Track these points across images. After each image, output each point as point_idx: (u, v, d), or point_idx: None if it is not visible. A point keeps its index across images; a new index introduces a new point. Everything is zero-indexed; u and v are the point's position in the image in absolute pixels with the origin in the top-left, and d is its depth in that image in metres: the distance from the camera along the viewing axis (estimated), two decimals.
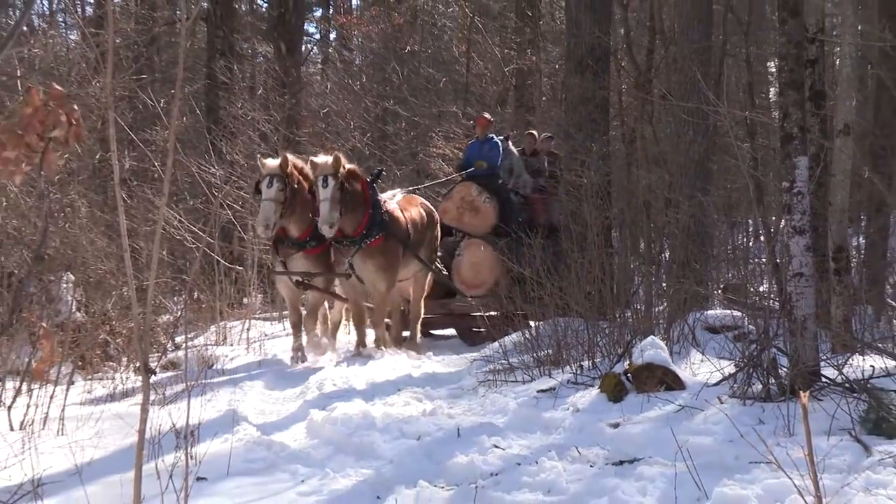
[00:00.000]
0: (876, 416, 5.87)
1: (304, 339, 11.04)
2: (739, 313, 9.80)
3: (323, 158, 10.52)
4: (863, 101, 13.08)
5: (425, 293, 12.45)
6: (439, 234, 12.81)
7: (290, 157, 10.68)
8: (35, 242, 9.28)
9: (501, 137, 13.74)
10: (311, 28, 27.54)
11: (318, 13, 28.05)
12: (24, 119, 3.17)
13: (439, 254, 13.23)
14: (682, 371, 7.66)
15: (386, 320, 11.64)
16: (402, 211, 11.50)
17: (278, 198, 10.11)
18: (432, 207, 12.78)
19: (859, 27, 10.96)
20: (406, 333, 11.99)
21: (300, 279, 10.97)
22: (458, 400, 8.10)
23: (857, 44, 10.46)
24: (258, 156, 10.97)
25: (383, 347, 10.96)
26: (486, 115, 14.21)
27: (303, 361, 10.57)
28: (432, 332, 13.86)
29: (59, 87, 3.33)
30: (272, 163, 10.43)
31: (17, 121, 3.18)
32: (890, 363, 7.52)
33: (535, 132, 15.30)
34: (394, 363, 10.14)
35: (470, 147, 13.95)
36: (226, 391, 8.39)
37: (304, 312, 11.42)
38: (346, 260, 10.67)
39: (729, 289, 11.97)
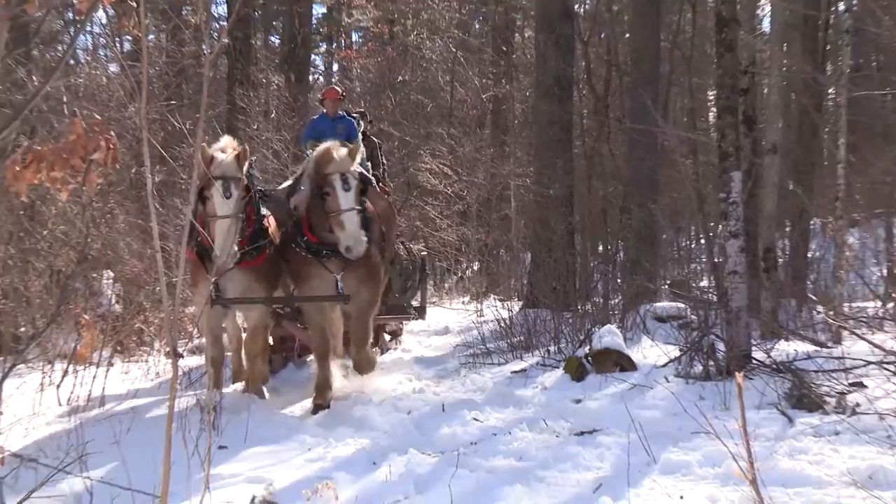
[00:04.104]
0: (799, 393, 5.91)
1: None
2: (683, 305, 9.85)
3: (342, 149, 6.74)
4: (788, 124, 13.13)
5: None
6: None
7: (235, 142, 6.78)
8: (80, 245, 9.24)
9: (355, 114, 9.62)
10: (317, 60, 27.43)
11: (323, 48, 27.99)
12: (69, 144, 3.18)
13: None
14: (635, 355, 7.68)
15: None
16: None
17: (239, 210, 6.21)
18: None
19: (784, 61, 11.02)
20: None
21: (280, 310, 7.70)
22: (443, 380, 8.09)
23: (783, 76, 10.52)
24: (203, 146, 6.26)
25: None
26: (336, 87, 9.61)
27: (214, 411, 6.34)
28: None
29: (99, 116, 3.33)
30: (227, 158, 6.31)
31: (63, 145, 3.18)
32: (810, 347, 7.58)
33: (364, 111, 11.24)
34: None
35: (317, 123, 9.18)
36: None
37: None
38: (335, 275, 6.88)
39: (674, 284, 12.01)
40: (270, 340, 8.35)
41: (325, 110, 9.28)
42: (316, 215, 6.78)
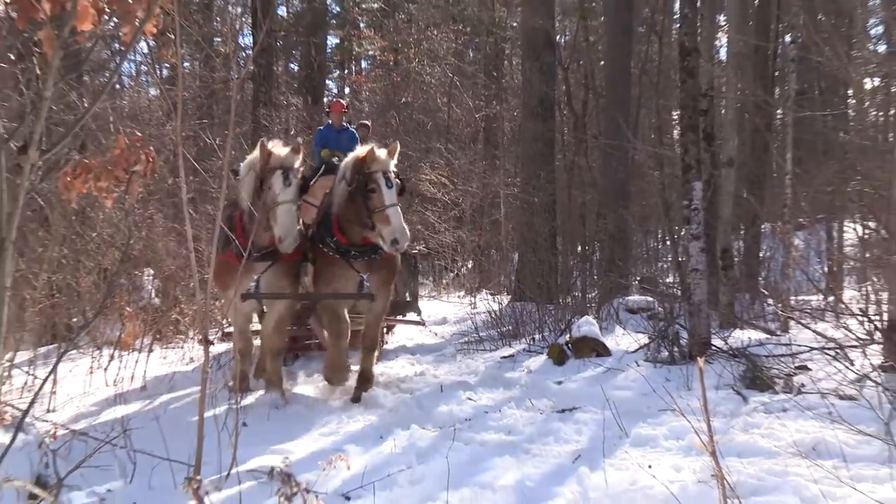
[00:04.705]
0: (752, 375, 5.93)
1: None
2: (651, 299, 9.86)
3: (383, 150, 6.13)
4: (742, 141, 13.14)
5: None
6: None
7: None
8: (123, 246, 9.23)
9: (355, 126, 9.39)
10: (331, 84, 27.40)
11: (336, 73, 28.01)
12: (113, 158, 3.19)
13: None
14: (609, 342, 7.69)
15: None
16: None
17: (297, 197, 5.93)
18: None
19: (739, 86, 11.03)
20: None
21: (307, 304, 7.03)
22: (442, 364, 8.09)
23: (738, 98, 10.52)
24: (261, 142, 6.06)
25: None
26: (342, 101, 9.29)
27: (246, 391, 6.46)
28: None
29: (140, 134, 3.34)
30: (284, 151, 5.96)
31: (107, 159, 3.19)
32: (762, 335, 7.60)
33: (368, 122, 10.14)
34: (393, 338, 10.05)
35: (324, 133, 8.94)
36: None
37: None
38: (361, 275, 6.30)
39: (644, 280, 12.01)
40: None
41: (330, 121, 9.03)
42: (354, 214, 6.06)
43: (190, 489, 2.98)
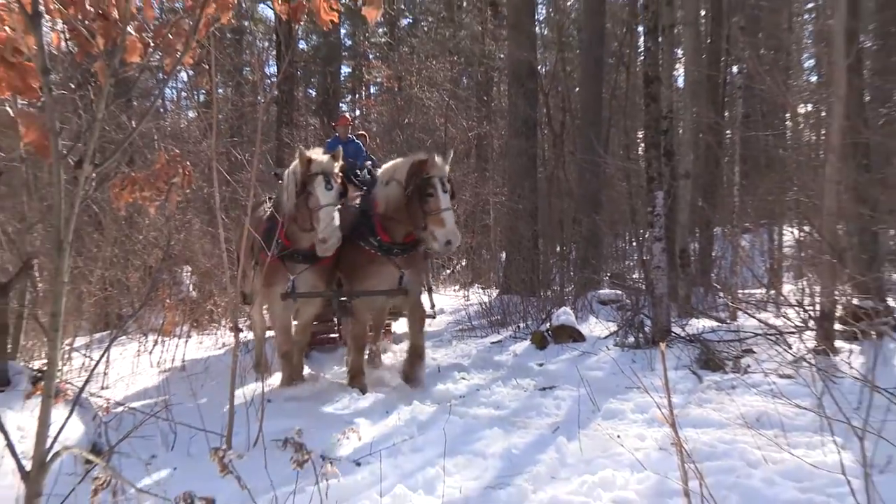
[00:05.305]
0: (705, 357, 5.94)
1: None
2: (620, 292, 9.86)
3: (439, 156, 5.76)
4: (696, 156, 13.16)
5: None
6: None
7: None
8: (165, 246, 9.21)
9: (355, 137, 8.67)
10: (344, 107, 27.36)
11: (349, 98, 27.99)
12: (154, 171, 3.20)
13: None
14: (584, 329, 7.70)
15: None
16: None
17: (338, 200, 5.44)
18: None
19: (694, 109, 11.05)
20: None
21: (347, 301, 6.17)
22: (439, 348, 8.09)
23: (693, 120, 10.53)
24: (299, 147, 5.61)
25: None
26: (346, 115, 8.76)
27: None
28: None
29: (179, 150, 3.34)
30: (325, 158, 5.50)
31: (150, 172, 3.20)
32: (714, 323, 7.60)
33: (364, 132, 9.51)
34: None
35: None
36: None
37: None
38: (402, 271, 5.88)
39: (613, 276, 12.01)
40: None
41: (338, 134, 8.68)
42: (408, 215, 5.60)
43: (216, 458, 2.99)
